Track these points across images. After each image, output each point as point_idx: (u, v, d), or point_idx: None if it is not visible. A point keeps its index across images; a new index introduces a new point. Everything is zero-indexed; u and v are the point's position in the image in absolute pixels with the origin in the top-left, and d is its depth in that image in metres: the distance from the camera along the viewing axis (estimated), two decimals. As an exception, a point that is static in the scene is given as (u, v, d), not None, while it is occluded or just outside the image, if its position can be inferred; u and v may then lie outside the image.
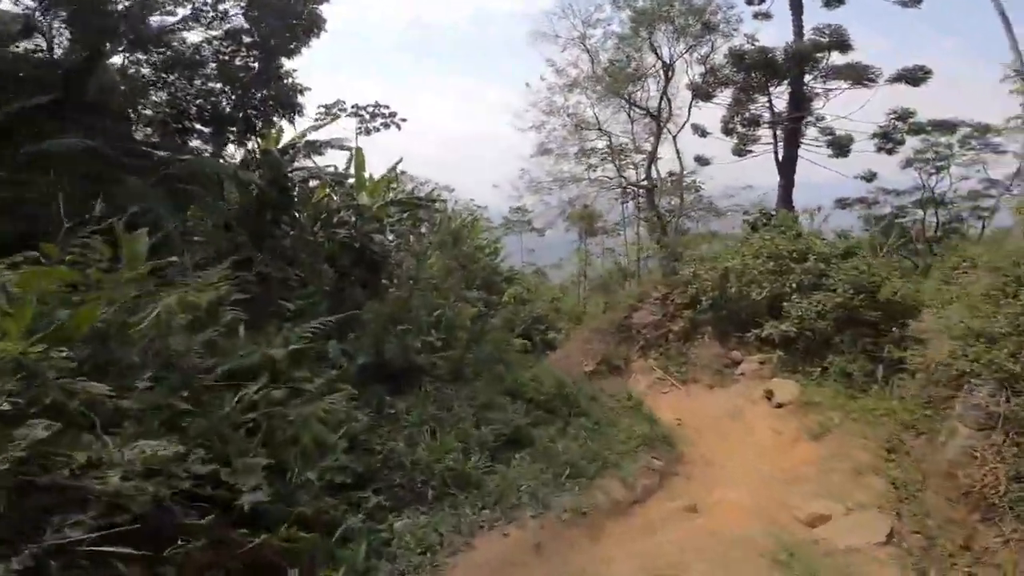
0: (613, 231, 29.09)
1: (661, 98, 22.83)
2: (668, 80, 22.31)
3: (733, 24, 21.26)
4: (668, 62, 21.51)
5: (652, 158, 23.33)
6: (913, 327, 8.55)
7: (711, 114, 24.85)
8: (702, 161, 25.83)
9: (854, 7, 21.07)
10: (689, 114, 23.20)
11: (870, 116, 22.63)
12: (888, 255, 14.01)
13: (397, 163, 11.82)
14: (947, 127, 22.28)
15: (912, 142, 22.77)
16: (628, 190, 25.65)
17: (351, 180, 10.60)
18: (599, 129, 24.54)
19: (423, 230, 14.36)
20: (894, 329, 10.23)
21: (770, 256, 12.69)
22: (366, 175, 10.97)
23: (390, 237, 11.58)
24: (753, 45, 21.46)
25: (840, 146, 22.75)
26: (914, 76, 21.31)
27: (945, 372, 7.00)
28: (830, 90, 22.52)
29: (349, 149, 11.10)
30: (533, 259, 35.18)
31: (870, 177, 23.68)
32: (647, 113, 23.52)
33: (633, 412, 9.97)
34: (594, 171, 25.17)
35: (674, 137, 24.16)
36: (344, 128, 18.43)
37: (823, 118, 22.81)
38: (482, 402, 7.54)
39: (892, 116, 22.21)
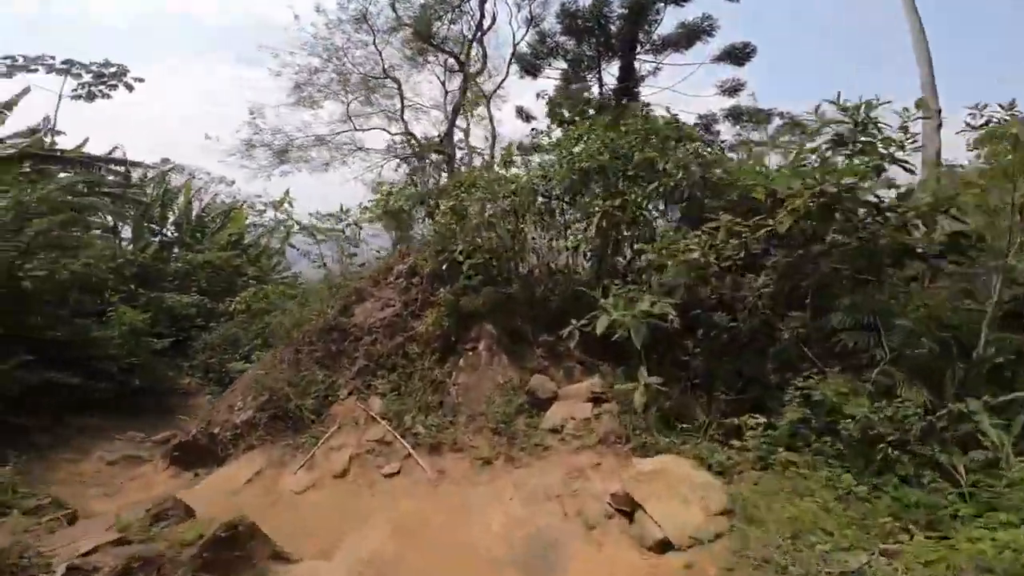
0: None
1: (470, 44, 16.28)
2: (482, 27, 15.84)
3: None
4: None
5: (454, 120, 16.48)
6: None
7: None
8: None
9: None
10: (507, 77, 17.18)
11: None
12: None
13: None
14: (762, 116, 19.42)
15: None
16: (423, 157, 18.43)
17: None
18: (389, 77, 16.81)
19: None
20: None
21: (605, 145, 5.69)
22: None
23: None
24: None
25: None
26: (740, 53, 17.79)
27: None
28: (659, 66, 18.62)
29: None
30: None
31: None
32: (458, 62, 16.71)
33: None
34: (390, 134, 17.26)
35: (488, 100, 17.81)
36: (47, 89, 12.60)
37: (648, 104, 19.38)
38: None
39: (721, 88, 18.68)
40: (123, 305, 9.88)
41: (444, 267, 6.11)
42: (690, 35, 17.53)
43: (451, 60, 16.63)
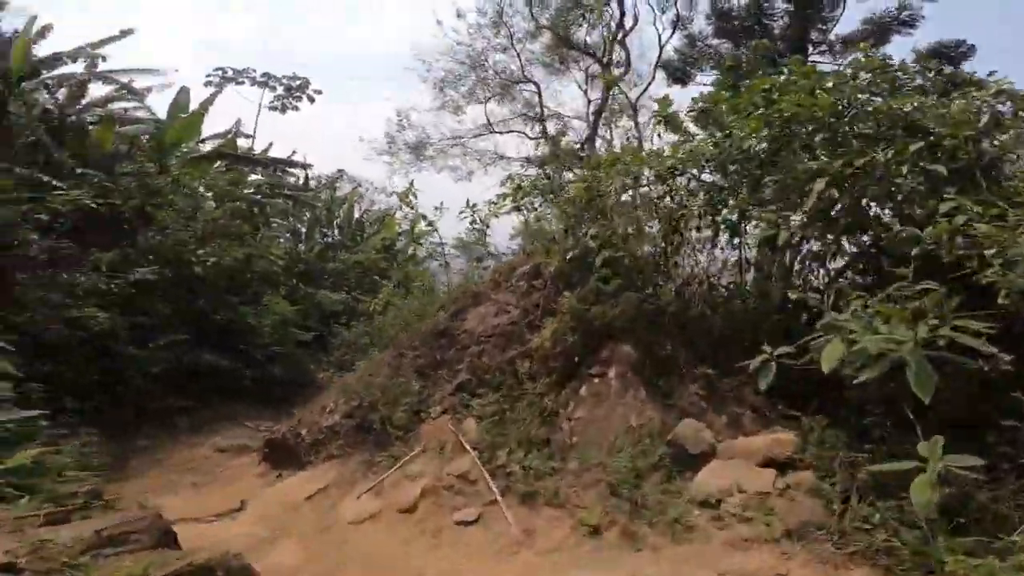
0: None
1: (611, 43, 15.29)
2: (623, 26, 14.89)
3: None
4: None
5: (596, 124, 15.44)
6: None
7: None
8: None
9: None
10: (651, 84, 15.70)
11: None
12: None
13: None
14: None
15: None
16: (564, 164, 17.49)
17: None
18: (528, 80, 16.47)
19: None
20: None
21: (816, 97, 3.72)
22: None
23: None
24: None
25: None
26: (954, 52, 13.67)
27: None
28: (840, 69, 15.21)
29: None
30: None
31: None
32: (599, 63, 15.86)
33: None
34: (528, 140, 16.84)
35: (633, 105, 16.49)
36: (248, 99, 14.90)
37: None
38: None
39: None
40: (276, 295, 10.26)
41: (570, 260, 4.73)
42: (881, 31, 13.90)
43: (593, 66, 15.53)
